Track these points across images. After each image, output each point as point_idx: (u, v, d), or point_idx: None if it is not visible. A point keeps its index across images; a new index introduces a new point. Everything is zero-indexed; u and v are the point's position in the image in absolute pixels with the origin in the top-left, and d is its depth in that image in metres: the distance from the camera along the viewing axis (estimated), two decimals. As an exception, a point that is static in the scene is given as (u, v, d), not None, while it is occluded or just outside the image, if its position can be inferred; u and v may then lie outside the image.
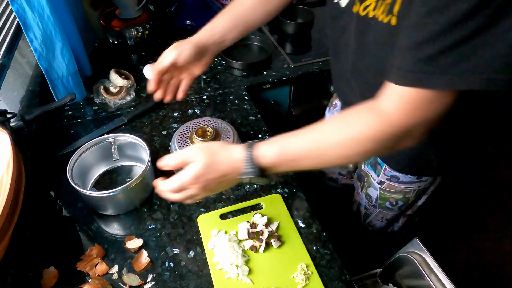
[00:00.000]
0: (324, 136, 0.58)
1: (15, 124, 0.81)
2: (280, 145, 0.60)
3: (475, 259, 1.69)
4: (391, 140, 0.55)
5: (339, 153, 0.57)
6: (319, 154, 0.58)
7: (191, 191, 0.63)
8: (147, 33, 1.25)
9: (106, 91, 1.07)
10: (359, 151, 0.56)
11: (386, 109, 0.54)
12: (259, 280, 0.67)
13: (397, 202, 0.92)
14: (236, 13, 0.81)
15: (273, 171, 0.62)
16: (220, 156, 0.61)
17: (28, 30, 0.85)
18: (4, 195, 0.58)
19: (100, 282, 0.65)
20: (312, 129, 0.59)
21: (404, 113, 0.53)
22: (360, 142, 0.55)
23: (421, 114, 0.53)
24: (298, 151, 0.59)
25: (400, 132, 0.54)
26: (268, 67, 1.23)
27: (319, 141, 0.58)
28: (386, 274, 0.99)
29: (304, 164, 0.60)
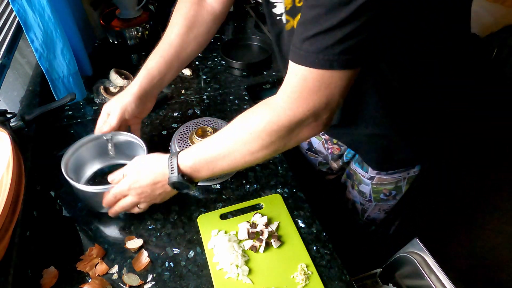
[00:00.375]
0: (229, 135, 0.62)
1: (15, 124, 0.81)
2: (196, 149, 0.65)
3: (475, 259, 1.69)
4: (285, 130, 0.59)
5: (244, 149, 0.61)
6: (227, 152, 0.62)
7: (130, 198, 0.69)
8: (147, 33, 1.25)
9: (106, 91, 1.07)
10: (260, 145, 0.60)
11: (277, 101, 0.58)
12: (259, 280, 0.67)
13: (390, 192, 0.93)
14: (169, 54, 0.80)
15: (196, 176, 0.66)
16: (147, 163, 0.68)
17: (29, 30, 0.85)
18: (4, 195, 0.58)
19: (100, 282, 0.65)
20: (223, 129, 0.64)
21: (290, 103, 0.56)
22: (259, 136, 0.59)
23: (307, 105, 0.55)
24: (211, 153, 0.63)
25: (289, 122, 0.57)
26: (268, 67, 1.23)
27: (226, 140, 0.62)
28: (386, 274, 0.99)
29: (220, 165, 0.63)
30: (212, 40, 1.35)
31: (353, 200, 1.02)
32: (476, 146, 2.18)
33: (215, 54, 1.29)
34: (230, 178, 0.86)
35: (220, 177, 0.85)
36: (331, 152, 1.02)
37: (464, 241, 1.76)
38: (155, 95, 0.83)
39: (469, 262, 1.68)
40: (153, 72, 0.79)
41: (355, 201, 1.02)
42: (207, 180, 0.84)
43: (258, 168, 0.88)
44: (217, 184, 0.85)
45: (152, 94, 0.81)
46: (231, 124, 0.63)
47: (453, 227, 1.82)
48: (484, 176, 2.04)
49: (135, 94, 0.78)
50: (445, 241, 1.75)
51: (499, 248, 1.72)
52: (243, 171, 0.87)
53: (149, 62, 0.80)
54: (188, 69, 1.19)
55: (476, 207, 1.90)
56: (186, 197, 0.82)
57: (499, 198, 1.93)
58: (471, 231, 1.80)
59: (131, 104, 0.77)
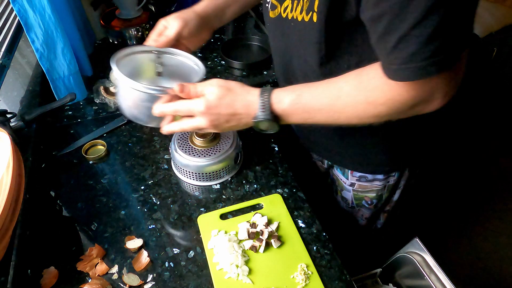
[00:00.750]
0: (340, 95, 0.56)
1: (15, 124, 0.82)
2: (296, 94, 0.59)
3: (475, 259, 1.69)
4: (406, 107, 0.55)
5: (353, 113, 0.57)
6: (333, 111, 0.58)
7: (199, 120, 0.61)
8: (147, 33, 1.25)
9: (106, 91, 1.07)
10: (373, 114, 0.56)
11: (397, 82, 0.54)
12: (259, 280, 0.67)
13: (372, 201, 0.93)
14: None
15: (285, 120, 0.61)
16: (235, 92, 0.60)
17: (29, 30, 0.86)
18: (4, 195, 0.58)
19: (100, 282, 0.65)
20: (330, 84, 0.58)
21: (413, 86, 0.52)
22: (375, 107, 0.55)
23: (429, 88, 0.52)
24: (313, 104, 0.58)
25: (412, 101, 0.54)
26: (268, 67, 1.23)
27: (335, 99, 0.57)
28: (386, 274, 0.99)
29: (317, 118, 0.59)
30: (212, 40, 1.36)
31: (338, 205, 1.02)
32: (476, 146, 2.18)
33: (215, 54, 1.29)
34: (230, 178, 0.86)
35: (220, 177, 0.85)
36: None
37: (464, 241, 1.76)
38: (212, 27, 0.77)
39: (469, 262, 1.68)
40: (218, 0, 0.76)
41: (341, 206, 1.02)
42: (207, 180, 0.84)
43: (258, 168, 0.88)
44: (217, 184, 0.85)
45: (212, 23, 0.76)
46: (342, 82, 0.57)
47: (453, 227, 1.82)
48: (484, 176, 2.04)
49: (198, 12, 0.73)
50: (445, 241, 1.75)
51: (500, 248, 1.72)
52: (243, 171, 0.88)
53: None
54: (188, 69, 1.19)
55: (476, 207, 1.90)
56: (186, 197, 0.82)
57: (499, 198, 1.93)
58: (471, 231, 1.80)
59: (193, 20, 0.71)
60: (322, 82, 0.58)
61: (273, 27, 0.72)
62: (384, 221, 1.03)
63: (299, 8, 0.60)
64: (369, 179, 0.88)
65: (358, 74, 0.56)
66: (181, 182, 0.85)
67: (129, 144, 0.95)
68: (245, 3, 0.82)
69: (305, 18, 0.60)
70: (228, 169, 0.85)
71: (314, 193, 1.12)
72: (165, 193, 0.83)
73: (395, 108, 0.55)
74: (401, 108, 0.55)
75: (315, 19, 0.58)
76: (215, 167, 0.82)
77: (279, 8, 0.66)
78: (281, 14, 0.66)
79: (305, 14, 0.60)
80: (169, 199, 0.82)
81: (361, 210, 0.97)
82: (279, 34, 0.71)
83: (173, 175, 0.87)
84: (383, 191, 0.91)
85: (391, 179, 0.88)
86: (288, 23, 0.65)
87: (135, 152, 0.92)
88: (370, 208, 0.95)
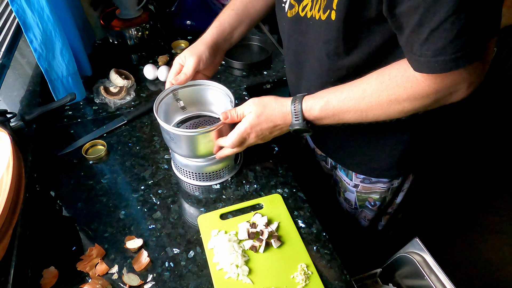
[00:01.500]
0: (364, 96, 0.61)
1: (15, 124, 0.81)
2: (324, 101, 0.64)
3: (476, 259, 1.69)
4: (430, 101, 0.58)
5: (379, 111, 0.62)
6: (359, 111, 0.63)
7: (249, 140, 0.71)
8: (147, 33, 1.25)
9: (106, 91, 1.07)
10: (399, 110, 0.60)
11: (417, 75, 0.56)
12: (259, 280, 0.67)
13: (375, 203, 0.93)
14: (240, 8, 0.82)
15: (318, 123, 0.68)
16: (270, 107, 0.68)
17: (28, 31, 0.85)
18: (4, 195, 0.58)
19: (100, 282, 0.65)
20: (353, 87, 0.63)
21: (433, 79, 0.54)
22: (400, 103, 0.59)
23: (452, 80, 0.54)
24: (340, 107, 0.64)
25: (436, 95, 0.56)
26: (268, 67, 1.23)
27: (360, 100, 0.62)
28: (386, 274, 0.99)
29: (346, 119, 0.65)
30: (212, 40, 1.36)
31: (341, 207, 1.02)
32: (476, 146, 2.18)
33: (215, 54, 1.29)
34: (230, 178, 0.86)
35: (220, 177, 0.85)
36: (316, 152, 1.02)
37: (464, 241, 1.76)
38: (223, 50, 0.84)
39: (469, 262, 1.68)
40: (224, 24, 0.81)
41: (343, 208, 1.02)
42: (207, 180, 0.84)
43: (258, 168, 0.88)
44: (217, 184, 0.85)
45: (223, 47, 0.82)
46: (366, 84, 0.61)
47: (453, 227, 1.82)
48: (485, 176, 2.04)
49: (208, 43, 0.78)
50: (445, 241, 1.75)
51: (500, 248, 1.72)
52: (243, 171, 0.88)
53: (221, 15, 0.82)
54: (188, 69, 1.19)
55: (476, 207, 1.90)
56: (186, 197, 0.82)
57: (499, 198, 1.93)
58: (471, 231, 1.80)
59: (205, 52, 0.77)
60: (346, 86, 0.64)
61: (290, 26, 0.73)
62: (385, 223, 1.02)
63: (317, 6, 0.62)
64: (373, 181, 0.88)
65: (379, 74, 0.60)
66: (181, 182, 0.85)
67: (129, 144, 0.95)
68: (251, 22, 0.85)
69: (322, 17, 0.61)
70: (228, 169, 0.85)
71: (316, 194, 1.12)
72: (165, 193, 0.83)
73: (418, 103, 0.58)
74: (425, 101, 0.58)
75: (333, 17, 0.59)
76: (215, 167, 0.82)
77: (297, 7, 0.67)
78: (299, 13, 0.67)
79: (322, 12, 0.61)
80: (169, 199, 0.82)
81: (364, 211, 0.97)
82: (295, 33, 0.72)
83: (173, 175, 0.87)
84: (386, 194, 0.90)
85: (395, 182, 0.88)
86: (307, 21, 0.66)
87: (135, 152, 0.92)
88: (373, 210, 0.95)
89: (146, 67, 1.16)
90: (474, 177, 2.04)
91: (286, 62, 0.84)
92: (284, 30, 0.75)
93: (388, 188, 0.89)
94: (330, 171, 1.02)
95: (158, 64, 1.21)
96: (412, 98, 0.57)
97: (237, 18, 0.82)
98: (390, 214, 0.99)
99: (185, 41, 1.31)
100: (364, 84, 0.61)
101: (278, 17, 0.78)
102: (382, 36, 0.60)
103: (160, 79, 1.16)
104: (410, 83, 0.56)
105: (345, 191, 0.96)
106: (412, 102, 0.58)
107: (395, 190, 0.90)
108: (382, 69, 0.60)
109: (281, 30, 0.78)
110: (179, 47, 1.30)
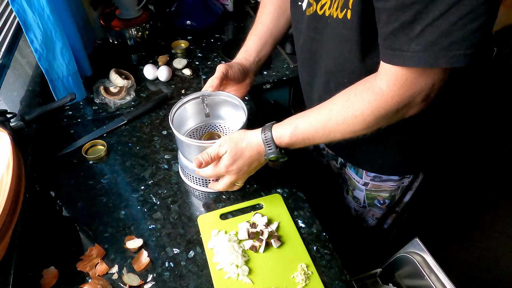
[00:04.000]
0: (330, 116, 0.63)
1: (15, 124, 0.81)
2: (293, 127, 0.66)
3: (476, 259, 1.69)
4: (391, 113, 0.60)
5: (346, 129, 0.63)
6: (327, 132, 0.64)
7: (228, 178, 0.73)
8: (147, 33, 1.25)
9: (106, 91, 1.07)
10: (364, 126, 0.62)
11: (382, 87, 0.58)
12: (259, 280, 0.67)
13: (384, 201, 0.93)
14: (262, 32, 0.87)
15: (290, 148, 0.69)
16: (242, 144, 0.69)
17: (28, 31, 0.85)
18: (4, 195, 0.58)
19: (100, 282, 0.65)
20: (320, 109, 0.65)
21: (397, 90, 0.57)
22: (365, 119, 0.61)
23: (415, 89, 0.56)
24: (309, 131, 0.65)
25: (397, 106, 0.58)
26: (268, 67, 1.23)
27: (327, 121, 0.64)
28: (386, 274, 0.99)
29: (316, 140, 0.67)
30: (212, 40, 1.36)
31: (348, 205, 1.02)
32: (476, 147, 2.18)
33: (215, 54, 1.29)
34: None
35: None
36: (327, 151, 1.02)
37: (464, 241, 1.76)
38: (253, 72, 0.88)
39: (469, 262, 1.68)
40: (250, 49, 0.87)
41: (350, 206, 1.01)
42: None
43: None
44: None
45: (251, 69, 0.87)
46: (331, 104, 0.64)
47: (453, 226, 1.82)
48: (485, 176, 2.04)
49: (238, 61, 0.85)
50: (445, 241, 1.75)
51: (500, 248, 1.72)
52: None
53: (247, 42, 0.89)
54: (188, 69, 1.19)
55: (476, 207, 1.90)
56: (186, 197, 0.82)
57: (500, 198, 1.93)
58: (471, 231, 1.80)
59: (235, 65, 0.82)
60: (313, 109, 0.66)
61: (306, 25, 0.73)
62: (391, 222, 1.02)
63: (336, 4, 0.62)
64: (383, 179, 0.88)
65: (345, 93, 0.63)
66: (181, 182, 0.85)
67: (129, 144, 0.95)
68: (275, 41, 0.90)
69: (339, 16, 0.62)
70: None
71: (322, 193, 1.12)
72: (165, 193, 0.83)
73: (381, 116, 0.60)
74: (387, 114, 0.60)
75: (349, 16, 0.60)
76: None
77: (315, 5, 0.67)
78: (317, 11, 0.67)
79: (339, 11, 0.61)
80: (169, 199, 0.82)
81: (372, 209, 0.97)
82: (311, 32, 0.72)
83: (173, 175, 0.87)
84: (396, 192, 0.90)
85: (405, 180, 0.88)
86: (324, 20, 0.66)
87: (135, 152, 0.92)
88: (382, 208, 0.95)
89: (146, 67, 1.16)
90: (474, 177, 2.04)
91: (299, 60, 0.85)
92: (301, 29, 0.75)
93: (398, 186, 0.89)
94: (340, 170, 1.02)
95: (158, 64, 1.21)
96: (375, 112, 0.59)
97: (260, 42, 0.87)
98: (397, 212, 0.99)
99: (185, 41, 1.31)
100: (331, 105, 0.64)
101: (292, 16, 0.79)
102: None
103: (160, 79, 1.16)
104: (374, 96, 0.58)
105: (354, 189, 0.96)
106: (376, 116, 0.60)
107: (405, 188, 0.90)
108: (349, 88, 0.63)
109: (295, 28, 0.79)
110: (179, 47, 1.30)
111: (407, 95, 0.57)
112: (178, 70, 1.21)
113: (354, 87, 0.62)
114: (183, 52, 1.28)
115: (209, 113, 0.87)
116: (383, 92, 0.58)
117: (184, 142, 0.74)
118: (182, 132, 0.86)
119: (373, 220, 1.01)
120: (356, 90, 0.61)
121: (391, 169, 0.85)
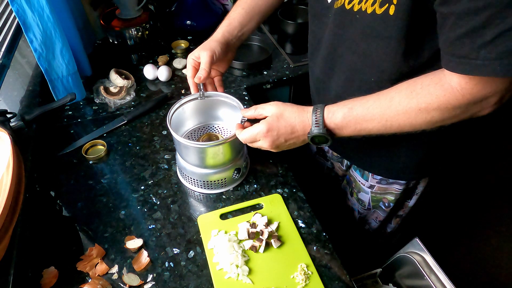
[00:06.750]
0: (391, 104, 0.58)
1: (15, 124, 0.81)
2: (348, 108, 0.61)
3: (476, 259, 1.69)
4: (460, 112, 0.55)
5: (405, 121, 0.58)
6: (384, 120, 0.59)
7: (261, 143, 0.67)
8: (147, 33, 1.25)
9: (106, 91, 1.07)
10: (426, 120, 0.57)
11: (453, 84, 0.54)
12: (259, 280, 0.67)
13: (389, 204, 0.92)
14: (249, 5, 0.82)
15: (339, 133, 0.63)
16: (290, 111, 0.65)
17: (28, 31, 0.85)
18: (4, 195, 0.58)
19: (100, 282, 0.65)
20: (381, 95, 0.60)
21: (470, 89, 0.52)
22: (428, 112, 0.56)
23: (489, 90, 0.52)
24: (364, 116, 0.60)
25: (467, 105, 0.54)
26: (268, 67, 1.23)
27: (386, 109, 0.59)
28: (386, 274, 0.99)
29: (369, 128, 0.61)
30: (212, 40, 1.36)
31: (352, 208, 1.02)
32: (477, 149, 2.18)
33: (215, 54, 1.29)
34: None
35: (224, 186, 0.84)
36: (331, 154, 1.02)
37: (464, 241, 1.76)
38: (235, 47, 0.84)
39: (469, 262, 1.68)
40: (234, 22, 0.81)
41: (354, 209, 1.01)
42: (207, 188, 0.84)
43: (258, 168, 0.88)
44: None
45: (233, 44, 0.82)
46: (393, 92, 0.59)
47: (453, 227, 1.82)
48: (486, 176, 2.04)
49: (219, 40, 0.79)
50: (445, 241, 1.75)
51: (500, 248, 1.72)
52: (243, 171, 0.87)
53: (231, 13, 0.82)
54: (188, 69, 1.19)
55: (477, 207, 1.90)
56: (186, 197, 0.82)
57: (500, 199, 1.93)
58: (471, 231, 1.80)
59: (217, 47, 0.77)
60: (371, 95, 0.60)
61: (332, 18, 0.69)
62: (395, 226, 1.02)
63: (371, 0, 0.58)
64: (390, 182, 0.87)
65: (410, 83, 0.58)
66: (181, 182, 0.85)
67: (129, 144, 0.95)
68: (260, 18, 0.85)
69: (377, 11, 0.58)
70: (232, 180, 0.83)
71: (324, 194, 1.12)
72: (165, 193, 0.83)
73: (448, 113, 0.56)
74: (456, 112, 0.55)
75: (392, 11, 0.56)
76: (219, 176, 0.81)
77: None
78: (345, 5, 0.63)
79: (378, 6, 0.57)
80: (169, 199, 0.82)
81: (376, 212, 0.97)
82: (335, 27, 0.69)
83: (173, 175, 0.87)
84: (402, 195, 0.90)
85: (411, 184, 0.87)
86: (352, 15, 0.63)
87: (135, 152, 0.92)
88: (385, 211, 0.95)
89: (146, 67, 1.16)
90: (474, 177, 2.04)
91: (314, 55, 0.80)
92: (327, 22, 0.71)
93: (404, 190, 0.88)
94: (345, 172, 1.01)
95: (158, 64, 1.21)
96: (443, 107, 0.55)
97: (247, 16, 0.82)
98: (401, 217, 0.99)
99: (185, 41, 1.31)
100: (393, 93, 0.59)
101: (313, 9, 0.75)
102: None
103: (160, 79, 1.16)
104: (443, 92, 0.54)
105: (359, 191, 0.95)
106: (442, 111, 0.55)
107: (408, 191, 0.90)
108: (413, 79, 0.58)
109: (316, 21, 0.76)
110: (179, 47, 1.30)
111: (481, 95, 0.53)
112: (178, 70, 1.21)
113: (420, 79, 0.57)
114: (183, 52, 1.28)
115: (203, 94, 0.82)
116: (454, 89, 0.53)
117: (182, 144, 0.74)
118: (181, 133, 0.85)
119: (376, 223, 1.00)
120: (422, 82, 0.56)
121: (398, 173, 0.84)
